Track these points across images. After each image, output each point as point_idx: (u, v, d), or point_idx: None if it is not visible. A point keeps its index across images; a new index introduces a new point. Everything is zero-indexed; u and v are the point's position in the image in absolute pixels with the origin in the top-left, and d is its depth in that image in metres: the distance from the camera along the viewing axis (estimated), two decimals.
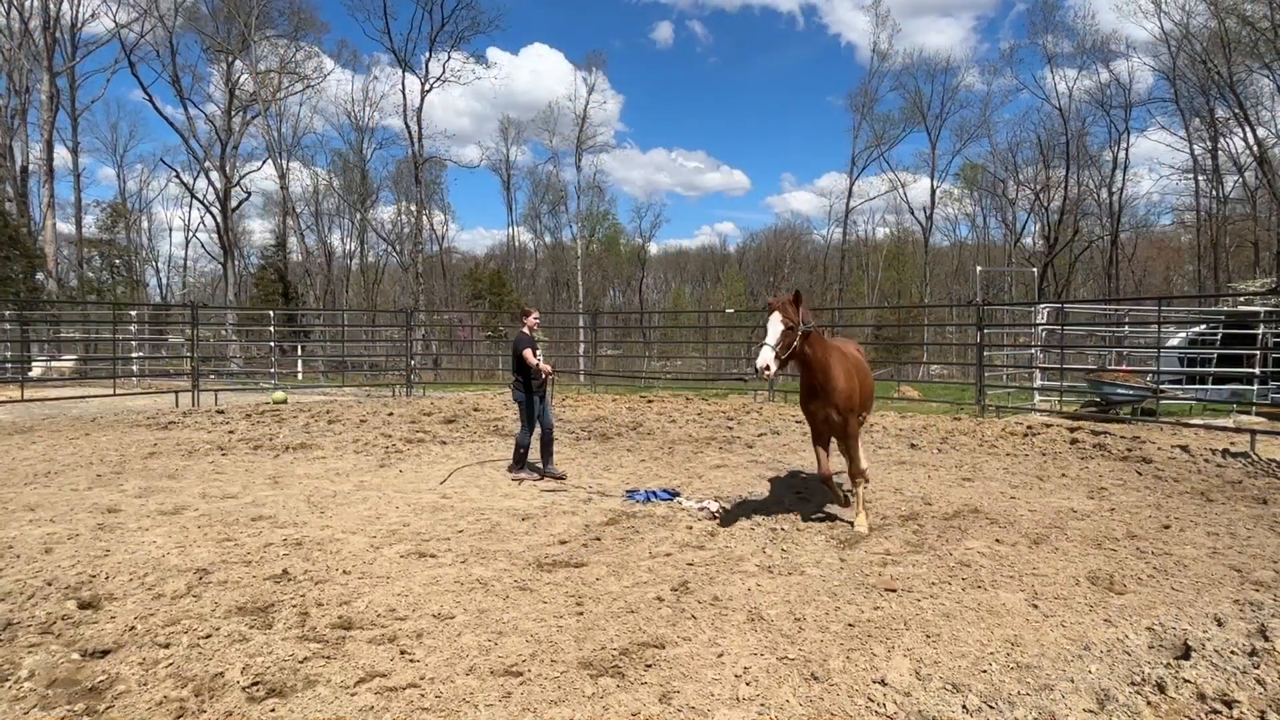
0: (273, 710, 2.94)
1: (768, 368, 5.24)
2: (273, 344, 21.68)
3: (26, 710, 2.89)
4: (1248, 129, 32.92)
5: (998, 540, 5.39)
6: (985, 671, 3.29)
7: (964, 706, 2.97)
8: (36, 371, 18.54)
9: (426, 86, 41.38)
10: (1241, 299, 18.58)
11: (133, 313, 26.96)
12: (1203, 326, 15.70)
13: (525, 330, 8.00)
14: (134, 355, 20.41)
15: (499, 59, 75.80)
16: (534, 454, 8.01)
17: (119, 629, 3.67)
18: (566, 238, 56.81)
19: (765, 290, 61.12)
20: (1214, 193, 36.86)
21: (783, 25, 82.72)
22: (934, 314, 40.39)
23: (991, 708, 2.96)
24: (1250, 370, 13.69)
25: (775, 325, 5.33)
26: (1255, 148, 32.87)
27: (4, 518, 5.85)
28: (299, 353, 24.27)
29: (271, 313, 24.81)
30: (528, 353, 7.70)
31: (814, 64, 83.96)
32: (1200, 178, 37.56)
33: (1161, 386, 12.71)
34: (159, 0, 34.75)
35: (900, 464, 8.68)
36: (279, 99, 41.29)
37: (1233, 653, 3.32)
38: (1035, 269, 34.92)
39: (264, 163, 42.70)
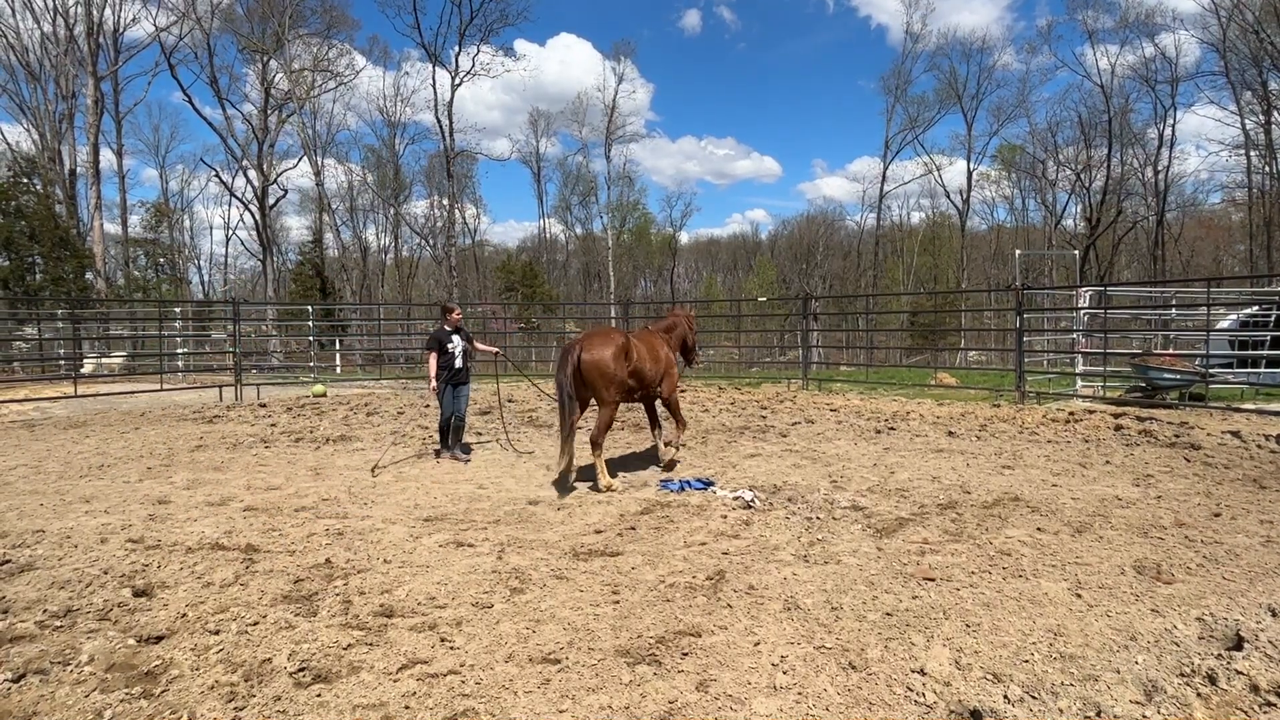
0: (319, 695, 3.01)
1: None
2: (311, 338, 22.06)
3: (88, 692, 3.01)
4: None
5: (1039, 529, 5.29)
6: (1027, 662, 3.23)
7: (1005, 697, 2.93)
8: (88, 368, 19.17)
9: (456, 80, 41.75)
10: None
11: (177, 310, 27.73)
12: (1255, 308, 15.13)
13: (445, 327, 8.56)
14: (179, 351, 21.00)
15: (527, 51, 75.88)
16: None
17: (171, 616, 3.80)
18: (597, 228, 57.10)
19: (798, 277, 60.55)
20: (1267, 169, 35.50)
21: (811, 9, 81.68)
22: (972, 299, 39.63)
23: (1034, 698, 2.92)
24: None
25: None
26: None
27: (62, 509, 6.09)
28: (337, 346, 24.71)
29: (310, 307, 25.31)
30: (431, 355, 8.37)
31: (845, 47, 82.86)
32: (1252, 153, 36.20)
33: (1211, 370, 12.31)
34: (196, 2, 35.54)
35: (938, 452, 8.55)
36: (313, 97, 41.98)
37: None
38: (1077, 252, 33.98)
39: (299, 160, 43.56)
